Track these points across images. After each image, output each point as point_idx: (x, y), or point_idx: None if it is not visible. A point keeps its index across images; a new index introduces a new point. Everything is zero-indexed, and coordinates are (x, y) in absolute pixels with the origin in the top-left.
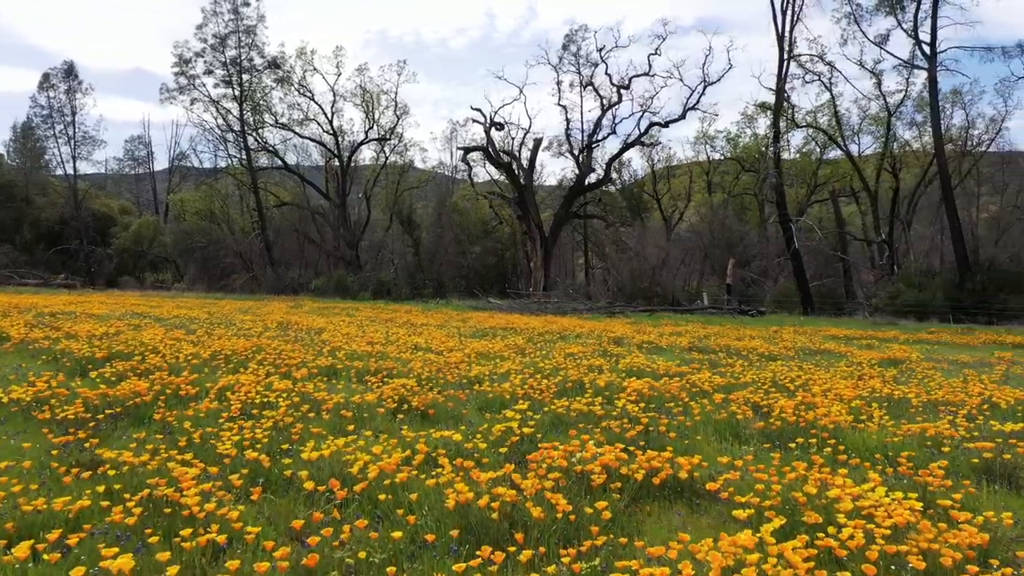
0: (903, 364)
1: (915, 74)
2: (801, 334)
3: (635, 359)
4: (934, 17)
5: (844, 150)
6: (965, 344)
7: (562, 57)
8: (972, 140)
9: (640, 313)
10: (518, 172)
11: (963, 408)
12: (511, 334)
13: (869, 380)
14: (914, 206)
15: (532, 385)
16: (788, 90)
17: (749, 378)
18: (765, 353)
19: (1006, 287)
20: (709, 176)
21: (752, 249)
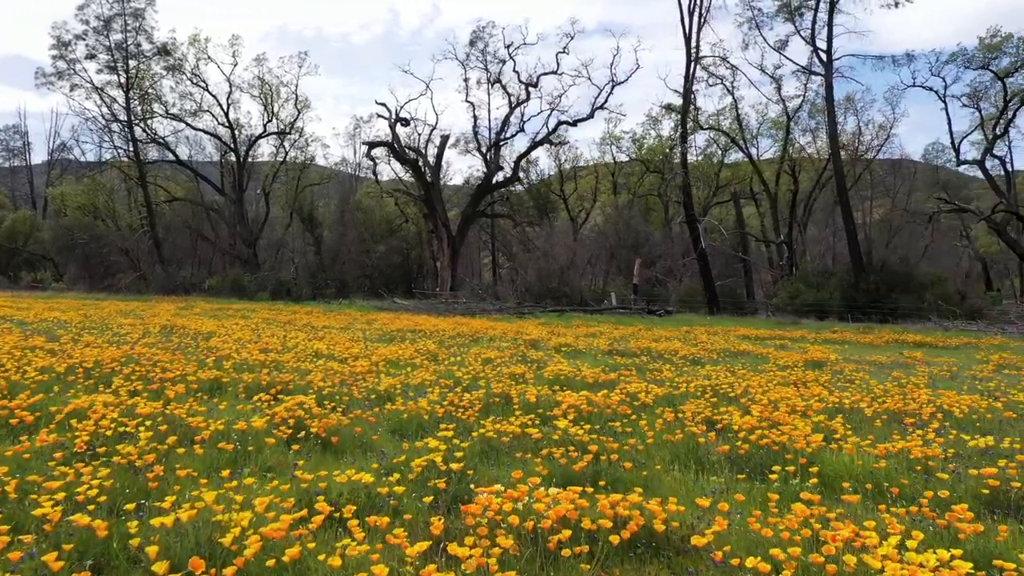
0: (827, 366)
1: (812, 80)
2: (714, 334)
3: (559, 365)
4: (830, 25)
5: (746, 153)
6: (870, 343)
7: (469, 54)
8: (863, 145)
9: (550, 313)
10: (424, 169)
11: (916, 417)
12: (421, 337)
13: (812, 387)
14: (809, 209)
15: (453, 401)
16: (695, 91)
17: (690, 387)
18: (688, 356)
19: (897, 287)
20: (615, 177)
21: (657, 249)
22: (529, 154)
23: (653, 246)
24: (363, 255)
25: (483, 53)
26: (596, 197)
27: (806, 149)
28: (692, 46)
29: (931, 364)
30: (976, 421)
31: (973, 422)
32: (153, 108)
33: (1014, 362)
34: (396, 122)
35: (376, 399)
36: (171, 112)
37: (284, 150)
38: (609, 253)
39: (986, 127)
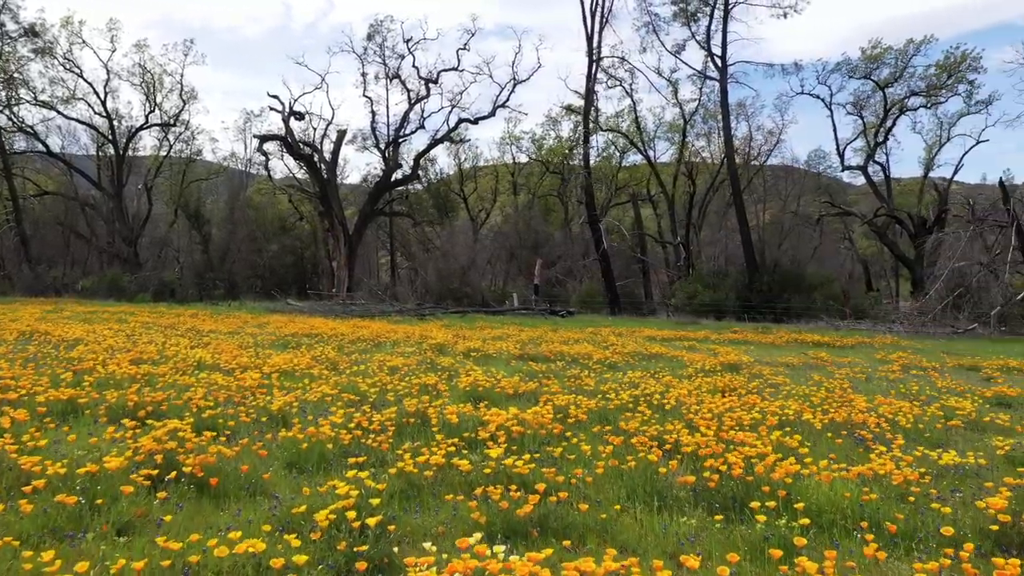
0: (743, 369)
1: (708, 84)
2: (620, 335)
3: (473, 374)
4: (724, 31)
5: (644, 155)
6: (772, 343)
7: (367, 47)
8: (754, 150)
9: (452, 314)
10: (320, 165)
11: (868, 430)
12: (318, 342)
13: (745, 395)
14: (703, 211)
15: (360, 423)
16: (596, 92)
17: (620, 398)
18: (604, 360)
19: (788, 287)
20: (515, 177)
21: (558, 250)
22: (429, 152)
23: (553, 247)
24: (254, 254)
25: (381, 47)
26: (496, 197)
27: (701, 153)
28: (594, 47)
29: (841, 365)
30: (924, 431)
31: (921, 432)
32: (19, 94)
33: (916, 362)
34: (290, 116)
35: (268, 422)
36: (40, 99)
37: (168, 143)
38: (509, 253)
39: (868, 134)
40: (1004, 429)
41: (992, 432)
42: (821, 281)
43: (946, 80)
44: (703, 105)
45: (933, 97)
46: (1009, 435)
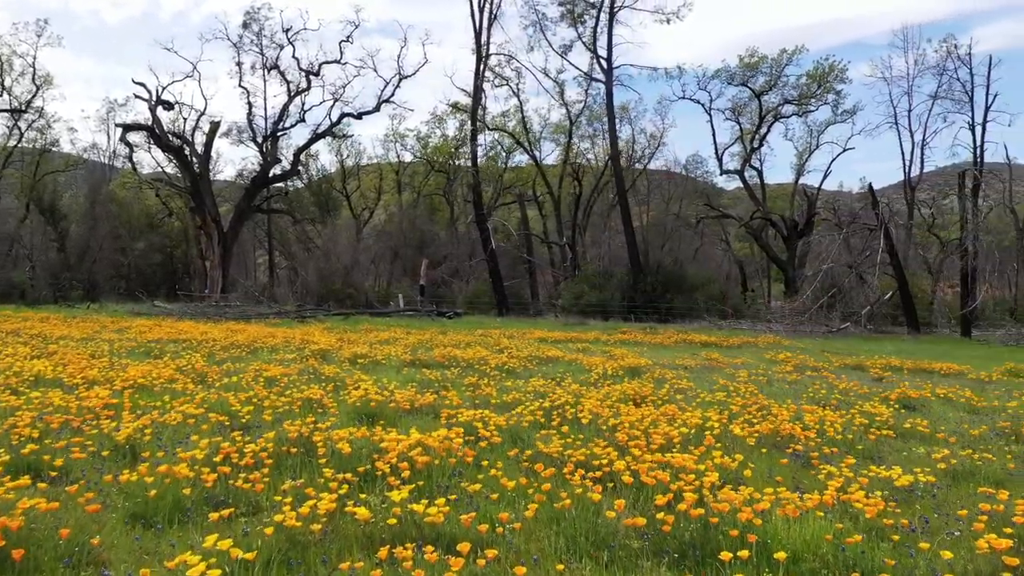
0: (645, 373)
1: (593, 86)
2: (511, 337)
3: (362, 386)
4: (610, 34)
5: (530, 155)
6: (662, 344)
7: (242, 36)
8: (637, 153)
9: (334, 317)
10: (191, 158)
11: (799, 443)
12: (186, 350)
13: (661, 404)
14: (588, 212)
15: (230, 454)
16: (484, 89)
17: (530, 411)
18: (500, 366)
19: (671, 288)
20: (399, 175)
21: (443, 250)
22: (310, 147)
23: (439, 246)
24: (118, 253)
25: (258, 36)
26: (380, 196)
27: (586, 155)
28: (482, 43)
29: (737, 367)
30: (855, 443)
31: (853, 444)
32: None
33: (805, 362)
34: (157, 104)
35: (113, 456)
36: None
37: (19, 131)
38: (394, 253)
39: (745, 140)
40: (927, 437)
41: (917, 440)
42: (702, 281)
43: (816, 90)
44: (589, 107)
45: (804, 105)
46: (935, 443)
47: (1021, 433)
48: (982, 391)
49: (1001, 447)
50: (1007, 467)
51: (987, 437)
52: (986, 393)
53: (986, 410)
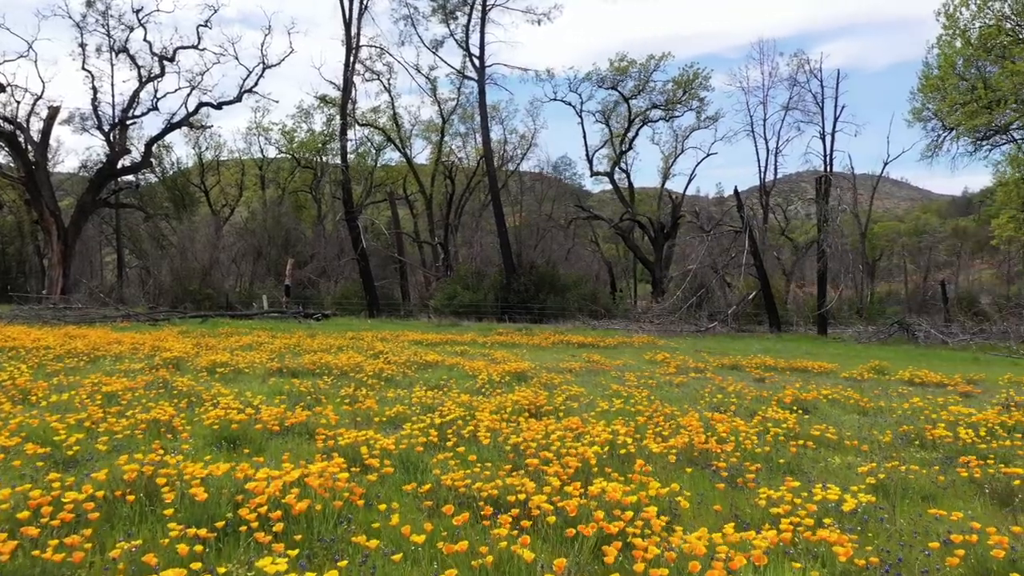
0: (532, 379)
1: (466, 84)
2: (386, 340)
3: (223, 402)
4: (482, 32)
5: (402, 152)
6: (539, 345)
7: (86, 15)
8: (508, 153)
9: (191, 320)
10: (27, 146)
11: (720, 459)
12: (11, 360)
13: (565, 418)
14: (460, 212)
15: (41, 505)
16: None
17: (419, 430)
18: (378, 372)
19: (545, 288)
20: (263, 171)
21: (310, 248)
22: (163, 137)
23: (306, 245)
24: None
25: (104, 16)
26: (242, 191)
27: (458, 153)
28: (352, 34)
29: (622, 369)
30: (776, 456)
31: (774, 458)
32: None
33: (687, 363)
34: None
35: None
36: None
37: None
38: (257, 252)
39: (614, 142)
40: (837, 444)
41: (831, 449)
42: (574, 282)
43: (681, 96)
44: (461, 105)
45: (670, 111)
46: (848, 452)
47: (925, 438)
48: (861, 391)
49: (913, 454)
50: (936, 480)
51: (897, 444)
52: (865, 393)
53: (874, 411)
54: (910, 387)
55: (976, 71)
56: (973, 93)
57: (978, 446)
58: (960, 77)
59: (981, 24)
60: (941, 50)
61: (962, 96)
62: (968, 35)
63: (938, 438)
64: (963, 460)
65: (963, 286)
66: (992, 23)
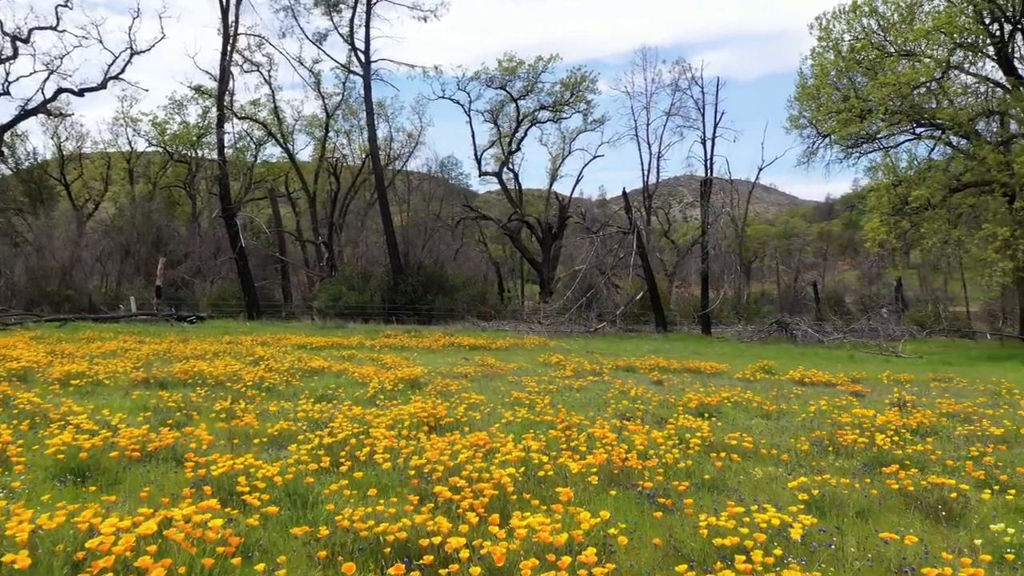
0: (427, 386)
1: (351, 80)
2: (267, 345)
3: (74, 422)
4: (367, 26)
5: (284, 148)
6: (430, 348)
7: None
8: (395, 151)
9: (48, 323)
10: None
11: (645, 478)
12: None
13: (471, 433)
14: (345, 210)
15: None
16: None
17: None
18: (258, 382)
19: (433, 288)
20: (131, 164)
21: (184, 247)
22: (16, 125)
23: (179, 243)
24: None
25: None
26: (108, 186)
27: (343, 150)
28: (230, 21)
29: (518, 373)
30: (700, 472)
31: (698, 474)
32: None
33: (582, 365)
34: None
35: None
36: None
37: None
38: (124, 251)
39: (503, 143)
40: (754, 453)
41: (750, 460)
42: (463, 282)
43: (569, 97)
44: (346, 101)
45: (558, 112)
46: (768, 463)
47: (838, 443)
48: (757, 392)
49: (833, 463)
50: (869, 493)
51: (814, 452)
52: (762, 394)
53: (777, 414)
54: (802, 387)
55: (848, 81)
56: (846, 102)
57: (893, 452)
58: (834, 87)
59: (852, 37)
60: (815, 61)
61: (835, 105)
62: (840, 47)
63: (852, 444)
64: (888, 471)
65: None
66: (862, 37)
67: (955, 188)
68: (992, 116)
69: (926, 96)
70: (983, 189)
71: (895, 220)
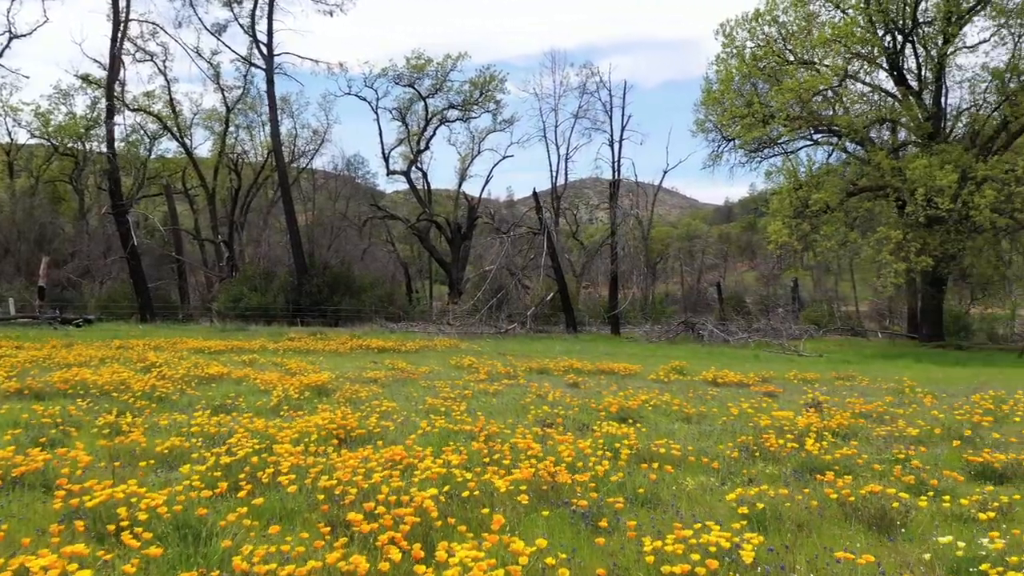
0: (335, 392)
1: (253, 73)
2: (160, 350)
3: None
4: (270, 18)
5: (180, 142)
6: (336, 352)
7: None
8: (300, 148)
9: None
10: None
11: (576, 495)
12: None
13: (385, 448)
14: (246, 208)
15: None
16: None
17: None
18: (147, 391)
19: (339, 289)
20: (11, 157)
21: (70, 245)
22: None
23: (65, 242)
24: None
25: None
26: None
27: (244, 146)
28: (120, 7)
29: (431, 377)
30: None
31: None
32: None
33: (496, 368)
34: None
35: None
36: None
37: None
38: (3, 249)
39: (411, 141)
40: (682, 461)
41: (680, 468)
42: (370, 283)
43: (478, 97)
44: (249, 95)
45: (467, 111)
46: (699, 471)
47: (765, 448)
48: (674, 393)
49: (763, 470)
50: (809, 505)
51: (743, 459)
52: (678, 395)
53: (697, 418)
54: (716, 388)
55: (752, 87)
56: (750, 108)
57: (822, 457)
58: (738, 92)
59: (754, 45)
60: (720, 66)
61: (740, 110)
62: (744, 54)
63: (779, 449)
64: (824, 479)
65: (730, 287)
66: (763, 44)
67: (852, 192)
68: (884, 123)
69: (824, 103)
70: (878, 193)
71: (796, 223)
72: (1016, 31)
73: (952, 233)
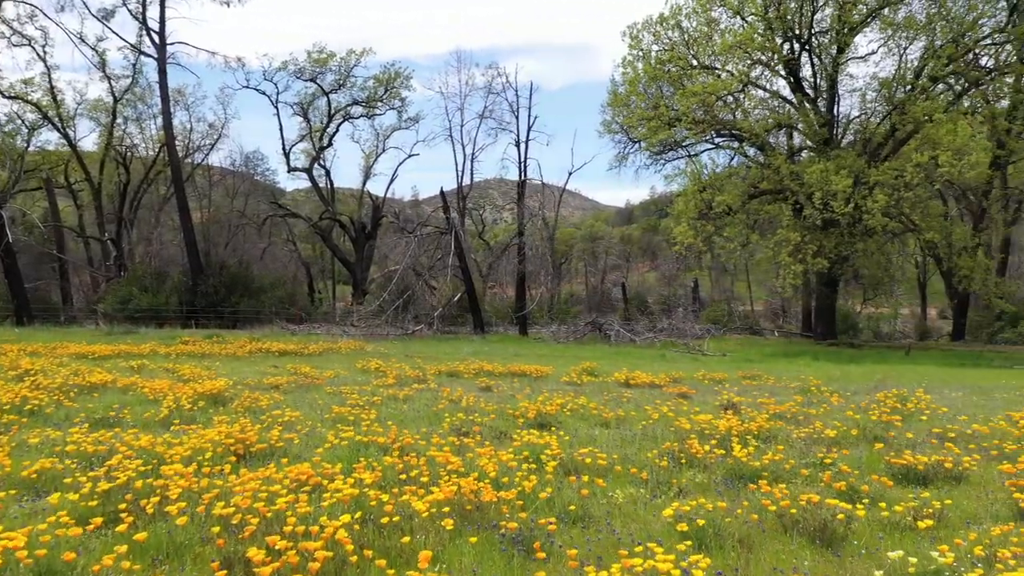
0: (233, 400)
1: (144, 63)
2: (36, 355)
3: None
4: (162, 5)
5: (63, 134)
6: (235, 355)
7: None
8: (195, 143)
9: None
10: None
11: (504, 516)
12: None
13: (289, 466)
14: (136, 205)
15: None
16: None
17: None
18: (18, 404)
19: (237, 290)
20: None
21: None
22: None
23: None
24: None
25: None
26: None
27: (133, 139)
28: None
29: (336, 383)
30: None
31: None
32: None
33: (405, 372)
34: None
35: None
36: None
37: None
38: None
39: (313, 138)
40: (608, 470)
41: (607, 479)
42: (270, 283)
43: (383, 93)
44: (139, 85)
45: (372, 108)
46: (627, 482)
47: (690, 454)
48: (591, 398)
49: (693, 478)
50: (749, 518)
51: (671, 467)
52: (594, 398)
53: (616, 422)
54: (629, 389)
55: (657, 90)
56: (656, 110)
57: (751, 464)
58: (644, 95)
59: (659, 49)
60: (627, 68)
61: (646, 112)
62: (650, 57)
63: (705, 455)
64: (761, 489)
65: (632, 287)
66: (668, 49)
67: (753, 195)
68: (782, 129)
69: (726, 108)
70: (777, 197)
71: (701, 224)
72: (903, 43)
73: (846, 236)
